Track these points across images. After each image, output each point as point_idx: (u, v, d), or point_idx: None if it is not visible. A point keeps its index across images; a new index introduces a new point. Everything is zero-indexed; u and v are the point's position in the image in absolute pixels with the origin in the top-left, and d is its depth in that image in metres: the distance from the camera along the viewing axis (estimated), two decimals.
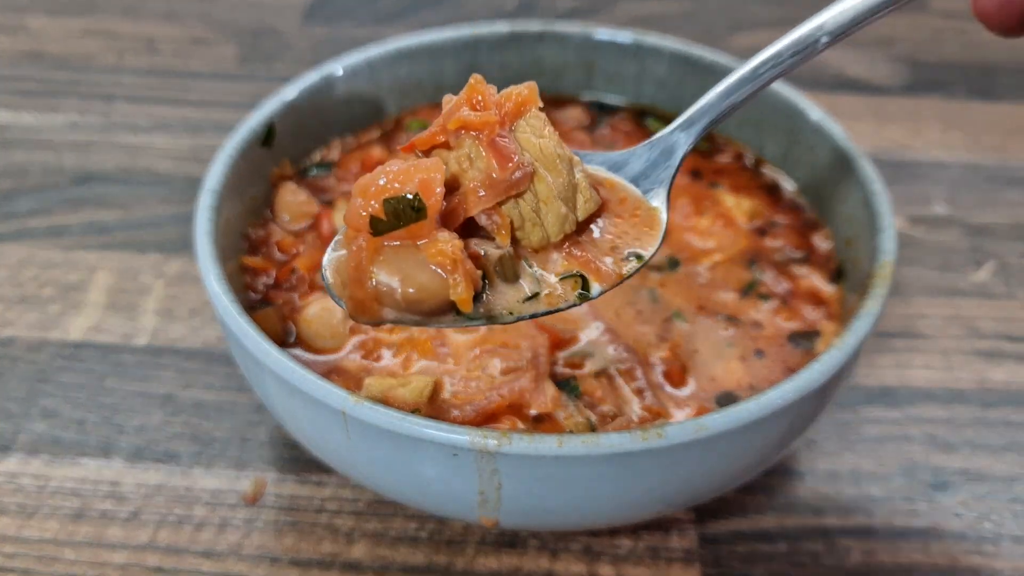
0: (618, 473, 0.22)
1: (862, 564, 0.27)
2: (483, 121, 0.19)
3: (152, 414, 0.30)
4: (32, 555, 0.26)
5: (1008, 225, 0.39)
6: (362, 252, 0.19)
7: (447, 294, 0.19)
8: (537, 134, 0.20)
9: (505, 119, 0.20)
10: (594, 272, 0.20)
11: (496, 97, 0.20)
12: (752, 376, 0.26)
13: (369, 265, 0.19)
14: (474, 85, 0.20)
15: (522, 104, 0.20)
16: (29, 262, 0.36)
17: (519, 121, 0.20)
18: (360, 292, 0.19)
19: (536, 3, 0.53)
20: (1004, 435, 0.31)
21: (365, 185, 0.19)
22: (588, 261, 0.20)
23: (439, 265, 0.19)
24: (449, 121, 0.20)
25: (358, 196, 0.19)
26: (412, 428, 0.21)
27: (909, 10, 0.53)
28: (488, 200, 0.19)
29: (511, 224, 0.20)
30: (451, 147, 0.20)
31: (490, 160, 0.19)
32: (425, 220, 0.19)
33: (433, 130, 0.20)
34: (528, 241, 0.20)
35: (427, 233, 0.19)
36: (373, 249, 0.19)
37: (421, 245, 0.19)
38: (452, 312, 0.19)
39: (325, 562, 0.26)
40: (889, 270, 0.26)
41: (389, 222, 0.19)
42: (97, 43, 0.48)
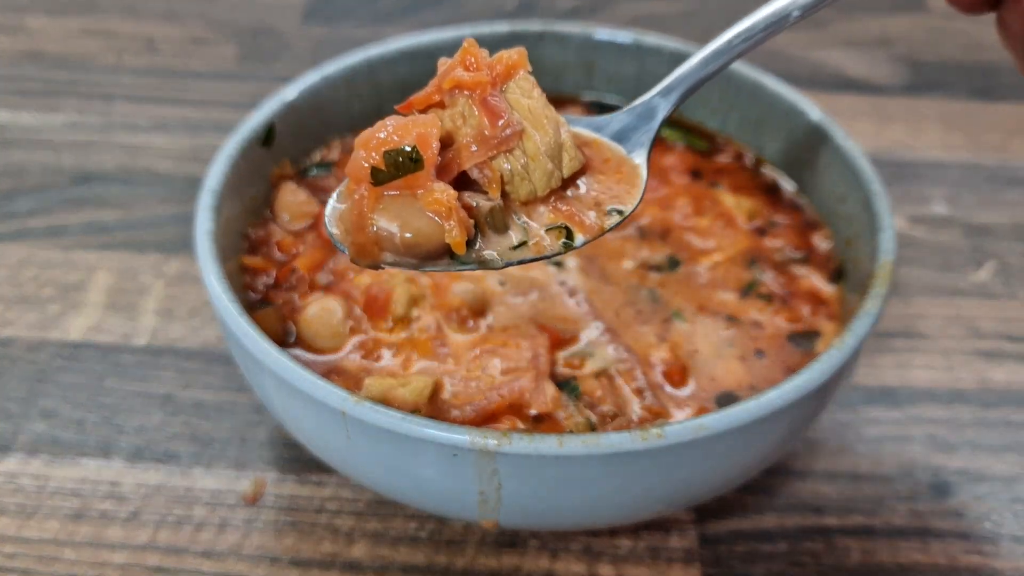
0: (618, 473, 0.22)
1: (862, 564, 0.27)
2: (475, 81, 0.21)
3: (152, 414, 0.30)
4: (32, 555, 0.26)
5: (1008, 225, 0.39)
6: (364, 201, 0.20)
7: (442, 239, 0.20)
8: (526, 95, 0.21)
9: (496, 80, 0.21)
10: (578, 224, 0.22)
11: (488, 60, 0.21)
12: (752, 376, 0.26)
13: (370, 212, 0.20)
14: (467, 48, 0.21)
15: (512, 67, 0.21)
16: (29, 262, 0.36)
17: (509, 83, 0.21)
18: (361, 237, 0.20)
19: (536, 3, 0.53)
20: (1004, 435, 0.31)
21: (366, 138, 0.20)
22: (572, 214, 0.22)
23: (435, 212, 0.20)
24: (444, 81, 0.21)
25: (360, 148, 0.20)
26: (412, 428, 0.21)
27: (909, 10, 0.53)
28: (480, 155, 0.21)
29: (501, 178, 0.21)
30: (446, 106, 0.21)
31: (482, 118, 0.21)
32: (422, 171, 0.20)
33: (429, 90, 0.21)
34: (517, 195, 0.22)
35: (424, 184, 0.20)
36: (374, 198, 0.20)
37: (418, 195, 0.20)
38: (447, 257, 0.21)
39: (325, 562, 0.26)
40: (889, 270, 0.26)
41: (389, 172, 0.20)
42: (97, 43, 0.48)
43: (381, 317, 0.27)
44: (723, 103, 0.34)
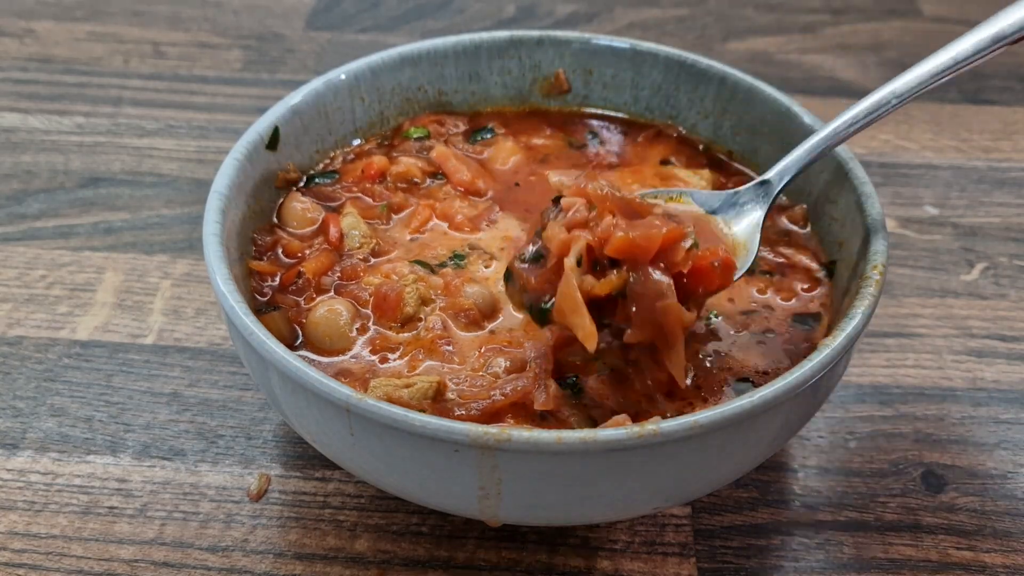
0: (615, 469, 0.22)
1: (854, 558, 0.27)
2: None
3: (159, 412, 0.31)
4: (41, 551, 0.27)
5: (998, 226, 0.39)
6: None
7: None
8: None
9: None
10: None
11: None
12: (765, 361, 0.26)
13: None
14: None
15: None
16: (37, 263, 0.36)
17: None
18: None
19: (535, 10, 0.53)
20: (995, 433, 0.31)
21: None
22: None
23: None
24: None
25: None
26: (414, 424, 0.22)
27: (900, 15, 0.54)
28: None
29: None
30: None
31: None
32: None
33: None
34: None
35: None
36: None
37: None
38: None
39: (329, 556, 0.27)
40: (881, 271, 0.26)
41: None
42: (104, 47, 0.49)
43: (391, 316, 0.27)
44: (716, 108, 0.34)
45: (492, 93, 0.36)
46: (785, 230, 0.31)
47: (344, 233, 0.30)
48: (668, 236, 0.23)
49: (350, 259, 0.30)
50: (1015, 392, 0.32)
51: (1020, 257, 0.38)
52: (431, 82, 0.36)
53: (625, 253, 0.23)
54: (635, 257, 0.23)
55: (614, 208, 0.24)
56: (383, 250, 0.30)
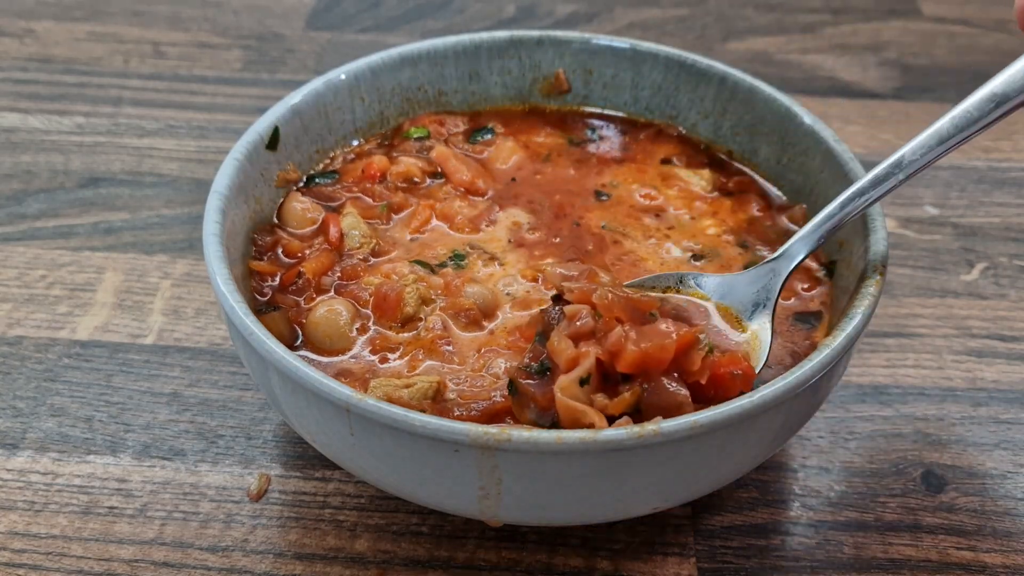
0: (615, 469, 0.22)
1: (854, 558, 0.27)
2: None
3: (159, 412, 0.31)
4: (41, 551, 0.27)
5: (998, 226, 0.39)
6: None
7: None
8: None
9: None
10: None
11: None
12: (769, 357, 0.26)
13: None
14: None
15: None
16: (37, 263, 0.36)
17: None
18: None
19: (535, 10, 0.53)
20: (995, 433, 0.31)
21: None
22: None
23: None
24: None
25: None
26: (414, 424, 0.22)
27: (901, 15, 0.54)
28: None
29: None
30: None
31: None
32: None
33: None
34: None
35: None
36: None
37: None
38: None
39: (329, 556, 0.27)
40: (881, 271, 0.26)
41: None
42: (104, 47, 0.49)
43: (391, 316, 0.27)
44: (716, 108, 0.35)
45: (492, 93, 0.36)
46: (785, 230, 0.31)
47: (344, 233, 0.30)
48: (681, 342, 0.22)
49: (350, 259, 0.30)
50: (1015, 392, 0.32)
51: (1020, 257, 0.38)
52: (431, 82, 0.36)
53: (639, 368, 0.22)
54: (649, 369, 0.22)
55: (621, 314, 0.22)
56: (383, 250, 0.30)
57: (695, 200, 0.33)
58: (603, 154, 0.35)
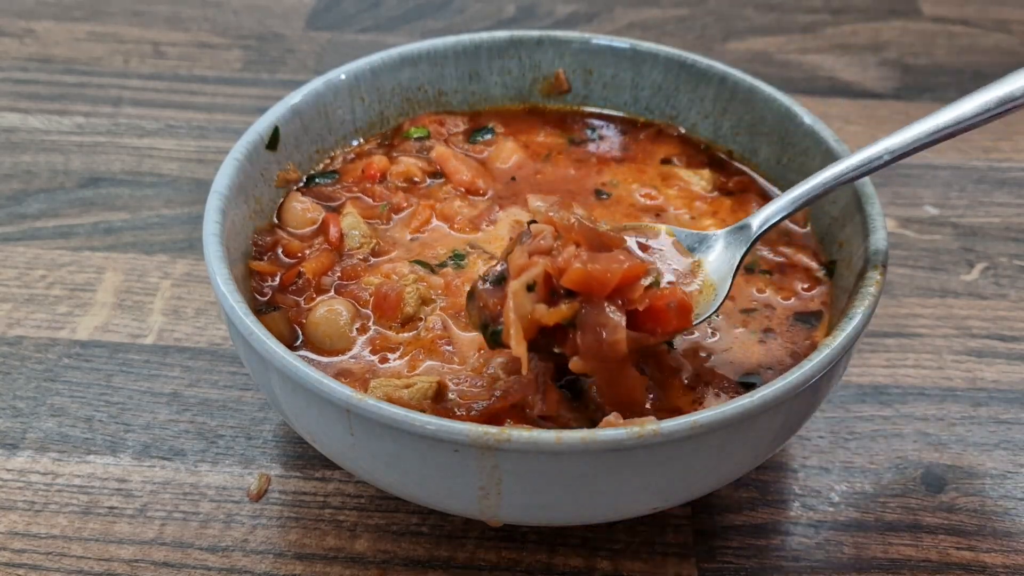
0: (615, 469, 0.22)
1: (854, 558, 0.27)
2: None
3: (159, 412, 0.31)
4: (41, 551, 0.27)
5: (998, 226, 0.39)
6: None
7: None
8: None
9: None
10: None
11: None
12: (769, 357, 0.27)
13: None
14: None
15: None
16: (37, 263, 0.36)
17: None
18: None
19: (535, 10, 0.53)
20: (994, 432, 0.31)
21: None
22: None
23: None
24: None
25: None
26: (414, 424, 0.22)
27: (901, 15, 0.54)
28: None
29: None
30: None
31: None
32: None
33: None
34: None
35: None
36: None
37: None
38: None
39: (329, 556, 0.27)
40: (881, 271, 0.26)
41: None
42: (104, 47, 0.49)
43: (391, 316, 0.27)
44: (716, 108, 0.34)
45: (492, 93, 0.36)
46: (785, 230, 0.31)
47: (344, 233, 0.30)
48: (628, 272, 0.22)
49: (350, 259, 0.30)
50: (1015, 392, 0.32)
51: (1020, 257, 0.38)
52: (431, 82, 0.36)
53: (581, 285, 0.22)
54: (591, 290, 0.22)
55: (580, 239, 0.23)
56: (383, 250, 0.30)
57: (695, 200, 0.33)
58: (603, 154, 0.35)
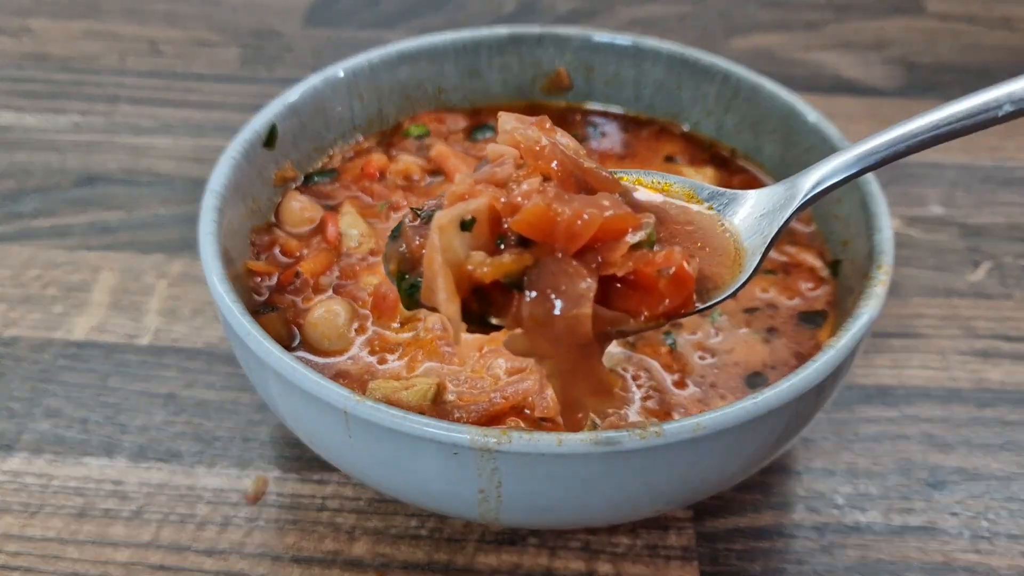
0: (617, 471, 0.22)
1: (859, 561, 0.27)
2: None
3: (155, 413, 0.31)
4: (36, 553, 0.27)
5: (1004, 225, 0.39)
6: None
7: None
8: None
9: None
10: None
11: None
12: (773, 357, 0.26)
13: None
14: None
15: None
16: (33, 262, 0.36)
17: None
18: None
19: (535, 6, 0.53)
20: (1000, 434, 0.31)
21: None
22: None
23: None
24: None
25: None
26: (413, 427, 0.22)
27: (905, 12, 0.54)
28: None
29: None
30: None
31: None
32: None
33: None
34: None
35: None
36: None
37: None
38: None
39: (327, 560, 0.27)
40: (886, 271, 0.26)
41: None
42: (100, 45, 0.48)
43: (390, 316, 0.27)
44: (719, 105, 0.34)
45: (492, 90, 0.36)
46: (790, 229, 0.31)
47: (342, 232, 0.30)
48: (610, 222, 0.15)
49: (349, 258, 0.29)
50: (1021, 393, 0.32)
51: None
52: (431, 79, 0.35)
53: (538, 230, 0.15)
54: (552, 239, 0.15)
55: (552, 170, 0.16)
56: (382, 249, 0.30)
57: None
58: (605, 152, 0.34)
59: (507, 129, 0.18)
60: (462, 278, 0.16)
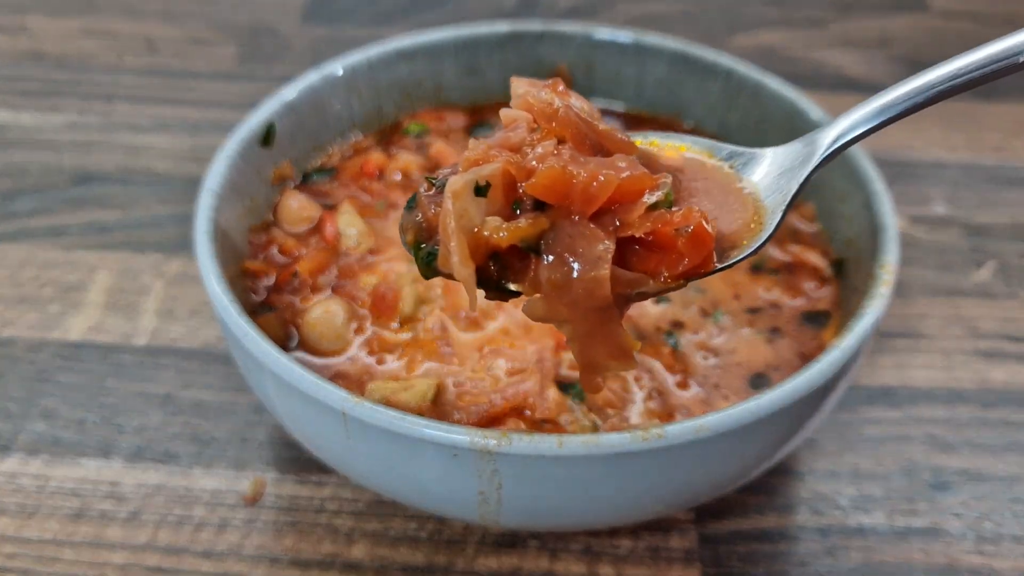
0: (618, 473, 0.22)
1: (862, 563, 0.27)
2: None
3: (151, 414, 0.30)
4: (32, 555, 0.26)
5: (1008, 225, 0.39)
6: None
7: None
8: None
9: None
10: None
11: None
12: (777, 358, 0.26)
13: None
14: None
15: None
16: (29, 262, 0.36)
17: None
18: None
19: (536, 2, 0.53)
20: (1004, 435, 0.31)
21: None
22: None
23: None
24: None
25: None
26: (412, 428, 0.21)
27: (909, 10, 0.53)
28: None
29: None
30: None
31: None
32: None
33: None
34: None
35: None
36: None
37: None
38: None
39: (325, 562, 0.26)
40: (890, 270, 0.26)
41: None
42: (97, 43, 0.48)
43: (389, 316, 0.27)
44: (723, 103, 0.34)
45: (492, 88, 0.35)
46: (793, 228, 0.31)
47: (341, 231, 0.30)
48: (627, 183, 0.15)
49: (347, 258, 0.29)
50: None
51: None
52: (430, 76, 0.35)
53: (554, 193, 0.15)
54: (569, 201, 0.15)
55: (567, 133, 0.16)
56: (381, 248, 0.29)
57: None
58: None
59: (519, 93, 0.18)
60: (478, 244, 0.16)
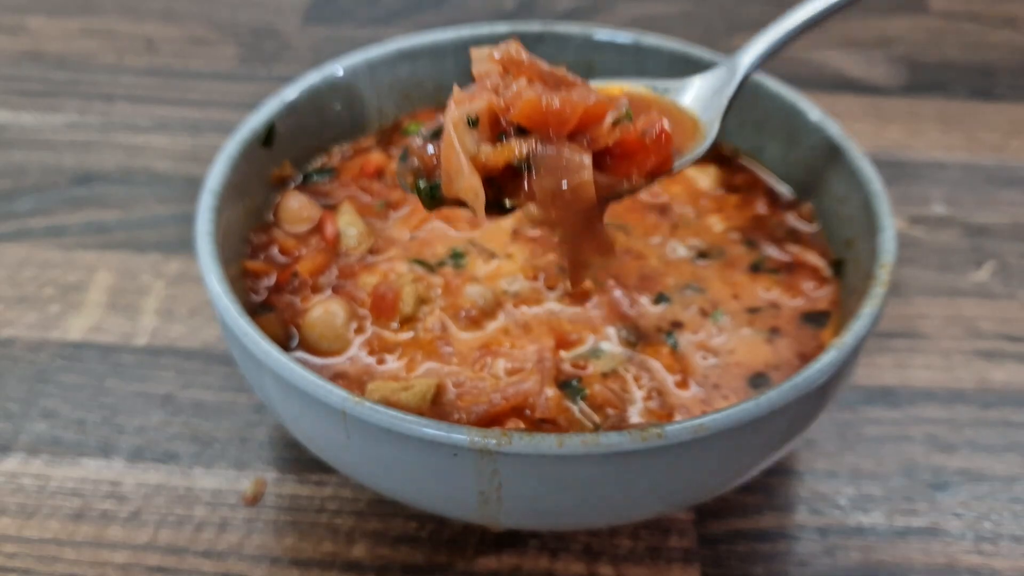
0: (618, 473, 0.22)
1: (861, 563, 0.27)
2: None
3: (152, 414, 0.30)
4: (33, 555, 0.26)
5: (1008, 225, 0.39)
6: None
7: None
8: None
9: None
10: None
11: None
12: (776, 357, 0.26)
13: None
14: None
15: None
16: (29, 262, 0.36)
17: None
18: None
19: (536, 3, 0.53)
20: (1004, 435, 0.31)
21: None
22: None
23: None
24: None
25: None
26: (412, 428, 0.21)
27: (908, 11, 0.53)
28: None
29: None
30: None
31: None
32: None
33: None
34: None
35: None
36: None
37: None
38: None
39: (325, 562, 0.26)
40: (889, 271, 0.26)
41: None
42: (97, 43, 0.48)
43: (389, 316, 0.27)
44: None
45: None
46: (792, 228, 0.31)
47: (340, 231, 0.30)
48: (593, 107, 0.19)
49: (347, 258, 0.29)
50: None
51: None
52: (430, 77, 0.35)
53: (534, 119, 0.19)
54: (546, 124, 0.19)
55: (533, 75, 0.20)
56: (381, 248, 0.29)
57: (700, 197, 0.32)
58: None
59: (483, 56, 0.22)
60: (476, 167, 0.20)
